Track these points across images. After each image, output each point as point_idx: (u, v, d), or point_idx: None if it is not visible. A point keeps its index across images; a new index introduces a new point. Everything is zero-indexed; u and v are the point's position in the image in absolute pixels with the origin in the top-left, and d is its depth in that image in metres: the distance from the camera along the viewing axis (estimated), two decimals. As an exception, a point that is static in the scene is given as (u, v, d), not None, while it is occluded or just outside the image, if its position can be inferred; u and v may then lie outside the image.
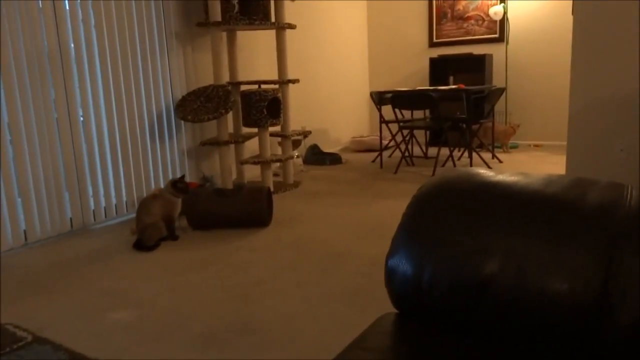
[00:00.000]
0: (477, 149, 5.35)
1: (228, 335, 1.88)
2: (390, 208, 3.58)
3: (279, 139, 4.72)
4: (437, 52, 6.42)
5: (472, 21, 6.18)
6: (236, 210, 3.17)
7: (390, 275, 0.99)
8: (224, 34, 4.25)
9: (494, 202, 0.94)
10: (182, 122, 4.09)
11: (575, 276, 0.79)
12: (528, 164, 4.96)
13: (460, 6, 6.22)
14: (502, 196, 0.95)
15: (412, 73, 6.70)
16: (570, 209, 0.87)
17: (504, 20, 5.95)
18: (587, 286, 0.77)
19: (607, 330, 0.75)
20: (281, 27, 4.09)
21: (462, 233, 0.92)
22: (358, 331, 1.83)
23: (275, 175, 4.85)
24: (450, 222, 0.94)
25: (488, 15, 6.03)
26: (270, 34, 5.03)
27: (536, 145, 5.96)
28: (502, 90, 4.86)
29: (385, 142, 5.77)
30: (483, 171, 1.07)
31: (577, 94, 3.39)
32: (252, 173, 4.89)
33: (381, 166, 5.18)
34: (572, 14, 3.17)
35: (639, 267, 0.77)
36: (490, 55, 6.03)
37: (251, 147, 4.83)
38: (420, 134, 6.53)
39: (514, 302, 0.84)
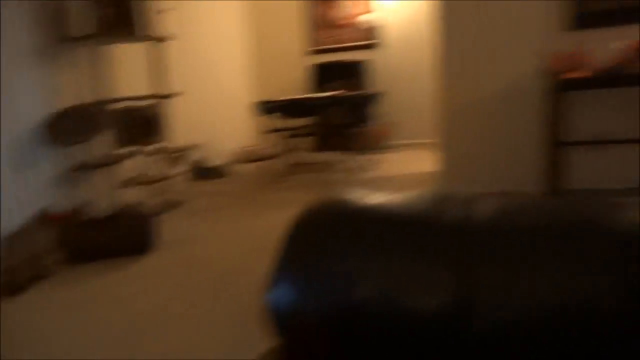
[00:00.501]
0: (359, 152, 5.54)
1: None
2: (279, 219, 3.58)
3: (160, 156, 4.52)
4: (317, 59, 6.56)
5: (347, 29, 6.40)
6: (115, 238, 2.97)
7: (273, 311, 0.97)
8: (94, 49, 3.97)
9: (364, 227, 0.96)
10: (51, 146, 3.74)
11: (431, 292, 0.83)
12: (406, 162, 5.25)
13: (332, 15, 6.41)
14: (372, 220, 0.97)
15: (294, 81, 6.78)
16: (427, 227, 0.91)
17: (376, 28, 6.23)
18: (442, 300, 0.82)
19: (465, 340, 0.80)
20: (154, 40, 3.91)
21: (333, 261, 0.93)
22: (254, 353, 1.79)
23: (158, 195, 4.63)
24: (321, 251, 0.95)
25: (360, 23, 6.28)
26: (147, 47, 4.79)
27: (413, 144, 6.32)
28: (379, 95, 5.08)
29: (272, 151, 5.77)
30: (356, 194, 1.08)
31: (446, 93, 3.65)
32: (132, 195, 4.62)
33: (268, 176, 5.17)
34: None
35: (488, 277, 0.82)
36: (369, 61, 6.29)
37: (130, 167, 4.56)
38: (306, 141, 6.62)
39: (383, 324, 0.86)
